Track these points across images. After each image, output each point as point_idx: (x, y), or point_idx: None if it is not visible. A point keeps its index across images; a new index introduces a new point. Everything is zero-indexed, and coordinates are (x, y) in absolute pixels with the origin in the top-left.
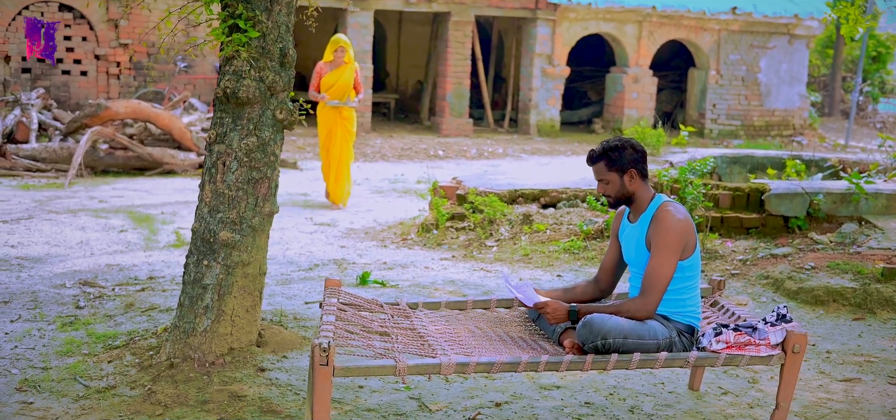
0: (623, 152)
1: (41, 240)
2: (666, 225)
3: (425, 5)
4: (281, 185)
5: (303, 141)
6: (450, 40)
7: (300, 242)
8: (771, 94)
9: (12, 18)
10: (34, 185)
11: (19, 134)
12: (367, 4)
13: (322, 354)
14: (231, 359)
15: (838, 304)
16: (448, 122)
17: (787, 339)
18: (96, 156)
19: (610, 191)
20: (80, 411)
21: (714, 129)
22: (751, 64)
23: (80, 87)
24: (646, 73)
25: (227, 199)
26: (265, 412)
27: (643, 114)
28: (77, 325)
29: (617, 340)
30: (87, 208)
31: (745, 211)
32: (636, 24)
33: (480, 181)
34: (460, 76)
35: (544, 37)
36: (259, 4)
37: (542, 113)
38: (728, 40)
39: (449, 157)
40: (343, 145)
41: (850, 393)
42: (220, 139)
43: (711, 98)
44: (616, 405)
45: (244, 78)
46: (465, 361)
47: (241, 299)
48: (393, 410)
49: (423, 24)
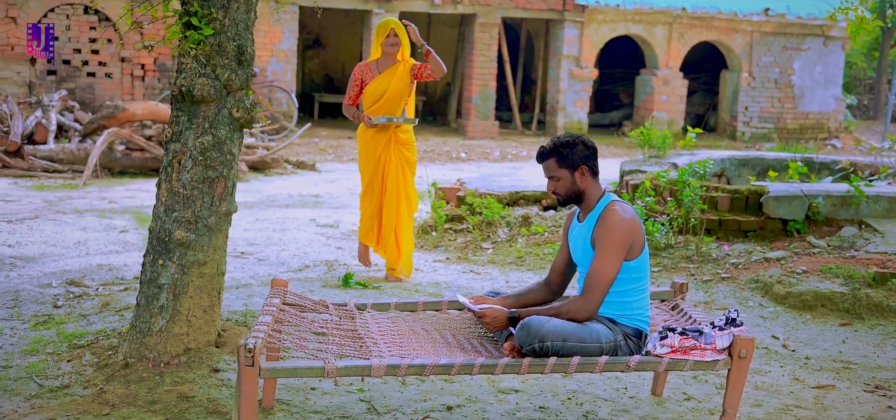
0: (574, 149)
1: (39, 239)
2: (611, 224)
3: (451, 7)
4: (293, 187)
5: (324, 142)
6: (476, 42)
7: (297, 244)
8: (805, 97)
9: (37, 21)
10: (49, 185)
11: (38, 135)
12: (392, 6)
13: (247, 355)
14: (187, 359)
15: (826, 309)
16: (474, 125)
17: (734, 344)
18: (113, 157)
19: (560, 188)
20: (30, 410)
21: (746, 132)
22: (784, 66)
23: (105, 89)
24: (676, 76)
25: (183, 199)
26: (211, 413)
27: (673, 116)
28: (49, 324)
29: (555, 343)
30: (95, 209)
31: (744, 214)
32: (666, 26)
33: (484, 183)
34: (486, 78)
35: (572, 39)
36: (215, 2)
37: (570, 115)
38: (761, 42)
39: (472, 159)
40: (400, 183)
41: (821, 400)
42: (176, 138)
43: (743, 101)
44: (572, 410)
45: (199, 76)
46: (397, 363)
47: (198, 299)
48: (340, 413)
49: (451, 25)
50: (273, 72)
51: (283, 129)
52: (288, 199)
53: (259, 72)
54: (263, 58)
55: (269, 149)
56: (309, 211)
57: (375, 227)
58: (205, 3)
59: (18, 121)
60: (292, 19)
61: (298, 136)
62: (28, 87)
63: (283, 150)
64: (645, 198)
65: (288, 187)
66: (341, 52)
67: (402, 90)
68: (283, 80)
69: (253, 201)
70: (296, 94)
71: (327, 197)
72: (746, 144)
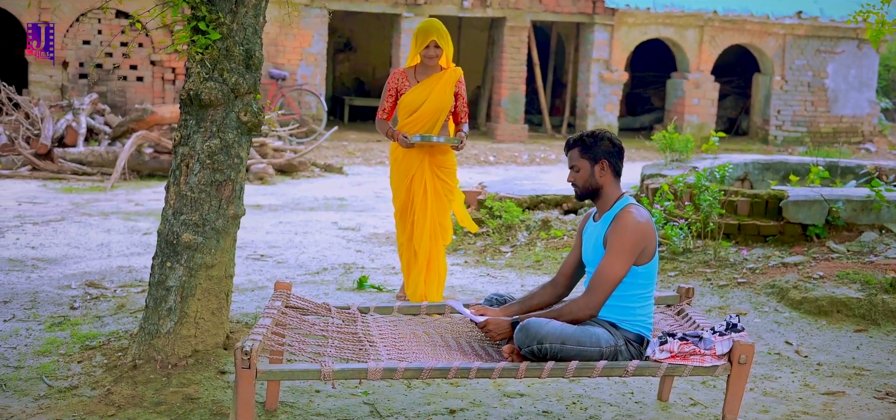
0: (599, 142)
1: (63, 241)
2: (624, 225)
3: (480, 11)
4: (319, 190)
5: (353, 146)
6: (505, 46)
7: (317, 246)
8: (838, 101)
9: (70, 25)
10: (77, 187)
11: (68, 138)
12: (421, 10)
13: (244, 357)
14: (194, 361)
15: (842, 314)
16: (503, 128)
17: (734, 350)
18: (141, 160)
19: (578, 180)
20: (37, 410)
21: (779, 135)
22: (817, 69)
23: (136, 93)
24: (707, 79)
25: (190, 202)
26: (215, 415)
27: (704, 120)
28: (65, 325)
29: (554, 346)
30: (121, 211)
31: (764, 218)
32: (697, 29)
33: (505, 186)
34: (516, 82)
35: (602, 42)
36: (223, 7)
37: (600, 119)
38: (793, 45)
39: (500, 162)
40: (435, 211)
41: (830, 407)
42: (184, 141)
43: (776, 104)
44: (575, 415)
45: (207, 80)
46: (393, 366)
47: (206, 302)
48: (343, 416)
49: (481, 29)
50: (303, 75)
51: (312, 133)
52: (313, 202)
53: (288, 75)
54: (293, 61)
55: (297, 152)
56: (332, 214)
57: (409, 254)
58: (213, 7)
59: (49, 124)
60: (322, 23)
61: (327, 140)
62: (60, 90)
63: (310, 153)
64: (663, 202)
65: (314, 190)
66: (372, 55)
67: (443, 103)
68: (313, 84)
69: (278, 204)
70: (326, 97)
71: (352, 200)
72: (778, 148)
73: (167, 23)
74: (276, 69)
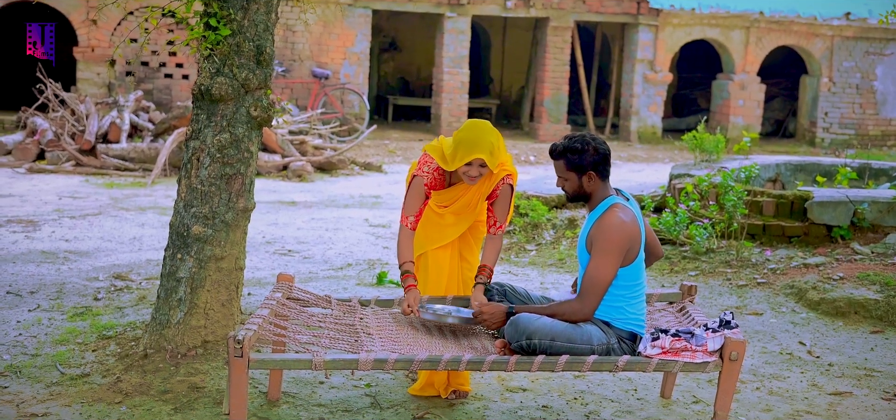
0: (584, 155)
1: (97, 235)
2: (609, 226)
3: (524, 11)
4: (355, 187)
5: (394, 144)
6: (548, 46)
7: (345, 242)
8: (887, 103)
9: (118, 23)
10: (119, 183)
11: (112, 134)
12: (464, 10)
13: (236, 346)
14: (203, 351)
15: (859, 315)
16: (545, 128)
17: (725, 346)
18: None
19: (568, 187)
20: (48, 396)
21: (826, 138)
22: (866, 71)
23: (182, 90)
24: (753, 81)
25: (200, 194)
26: (219, 403)
27: (750, 122)
28: (86, 315)
29: (543, 341)
30: (158, 206)
31: (789, 219)
32: (743, 30)
33: (534, 185)
34: (558, 82)
35: (646, 42)
36: (234, 3)
37: (643, 119)
38: (841, 47)
39: (540, 162)
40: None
41: (834, 407)
42: (195, 135)
43: (823, 106)
44: (575, 410)
45: (218, 75)
46: (384, 358)
47: (215, 293)
48: (343, 407)
49: (526, 29)
50: (345, 74)
51: (354, 132)
52: (348, 199)
53: (331, 74)
54: (336, 60)
55: (337, 150)
56: (365, 211)
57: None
58: (224, 4)
59: (94, 120)
60: (365, 22)
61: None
62: (107, 87)
63: (350, 151)
64: (688, 202)
65: (350, 188)
66: (416, 54)
67: (479, 198)
68: (356, 83)
69: (313, 201)
70: (370, 96)
71: (387, 197)
72: (826, 151)
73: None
74: (319, 68)
